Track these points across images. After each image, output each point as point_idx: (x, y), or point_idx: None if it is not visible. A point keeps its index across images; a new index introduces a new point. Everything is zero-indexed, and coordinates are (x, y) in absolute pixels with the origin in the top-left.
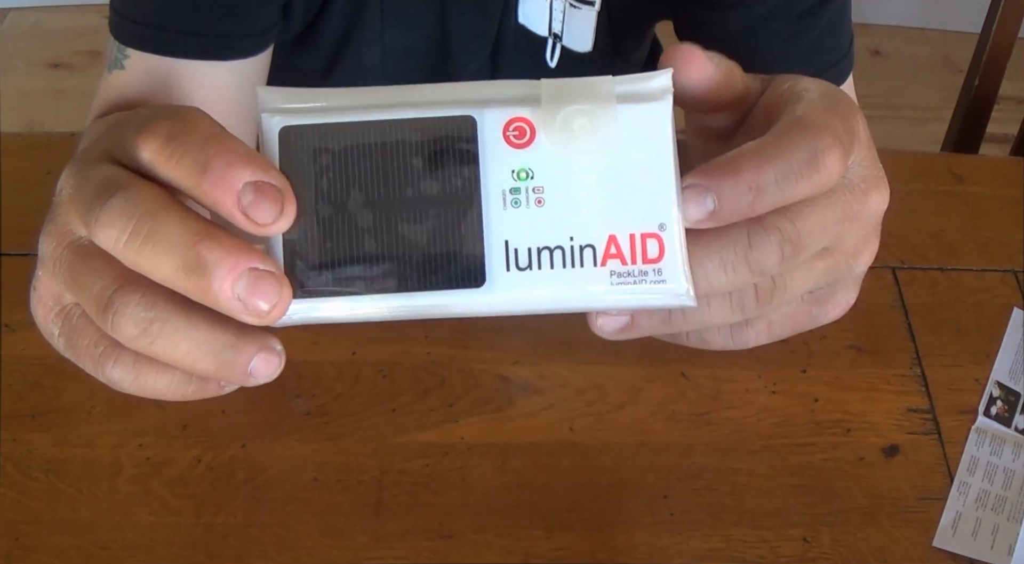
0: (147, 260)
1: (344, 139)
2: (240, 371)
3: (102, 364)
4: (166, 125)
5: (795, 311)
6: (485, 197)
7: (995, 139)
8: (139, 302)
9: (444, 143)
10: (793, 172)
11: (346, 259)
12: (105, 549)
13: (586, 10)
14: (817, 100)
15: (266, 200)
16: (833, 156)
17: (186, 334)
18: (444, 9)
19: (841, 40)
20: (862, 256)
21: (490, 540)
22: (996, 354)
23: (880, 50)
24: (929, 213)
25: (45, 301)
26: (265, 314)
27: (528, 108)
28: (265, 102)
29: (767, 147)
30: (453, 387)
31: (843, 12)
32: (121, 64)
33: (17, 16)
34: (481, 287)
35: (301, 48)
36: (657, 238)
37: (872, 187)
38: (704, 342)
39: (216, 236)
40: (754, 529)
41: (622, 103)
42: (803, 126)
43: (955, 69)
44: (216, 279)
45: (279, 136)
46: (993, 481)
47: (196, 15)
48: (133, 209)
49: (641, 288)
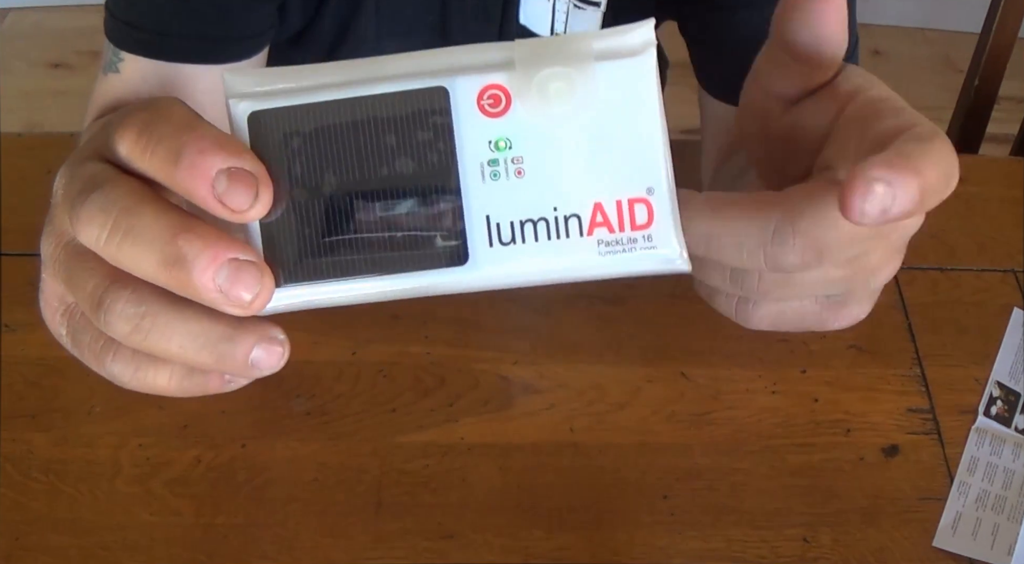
0: (127, 256)
1: (314, 120)
2: (240, 363)
3: (102, 360)
4: (140, 116)
5: (805, 308)
6: (462, 171)
7: (995, 139)
8: (128, 298)
9: (416, 117)
10: (942, 185)
11: (326, 244)
12: (105, 549)
13: (591, 11)
14: (929, 126)
15: (240, 186)
16: (956, 177)
17: (178, 328)
18: (443, 13)
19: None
20: (882, 273)
21: (490, 540)
22: (996, 354)
23: (880, 50)
24: (929, 213)
25: (50, 302)
26: (248, 304)
27: (502, 73)
28: (232, 87)
29: (929, 153)
30: (453, 387)
31: (850, 14)
32: (116, 67)
33: (17, 16)
34: (464, 265)
35: (297, 47)
36: (645, 203)
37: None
38: (709, 298)
39: (194, 228)
40: (754, 529)
41: (601, 61)
42: (941, 144)
43: (955, 69)
44: (196, 271)
45: (248, 122)
46: (993, 481)
47: (191, 19)
48: (111, 206)
49: (631, 256)
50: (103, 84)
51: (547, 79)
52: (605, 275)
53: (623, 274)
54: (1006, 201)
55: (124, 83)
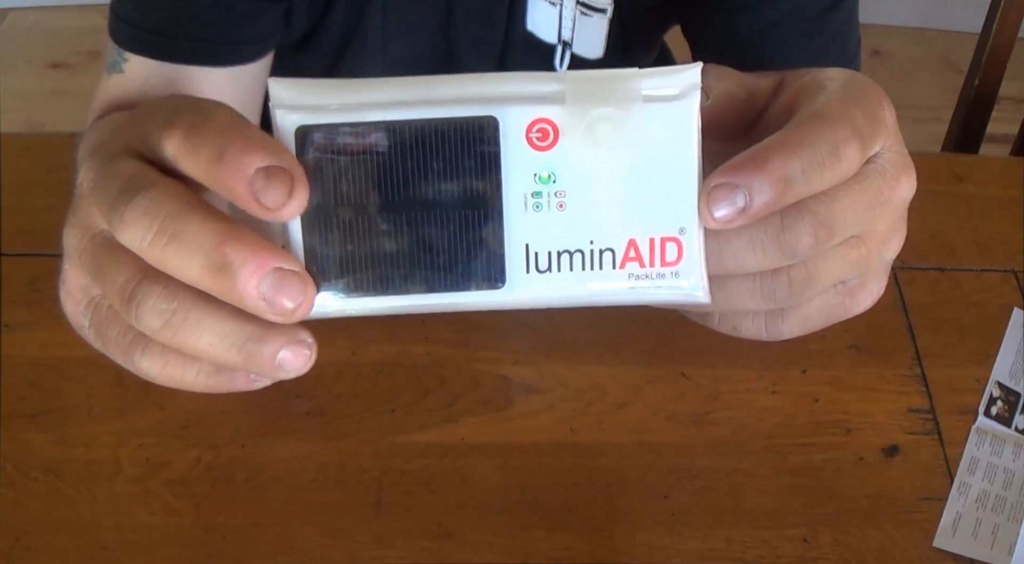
0: (172, 260)
1: (362, 139)
2: (267, 363)
3: (130, 354)
4: (187, 118)
5: (828, 302)
6: (506, 200)
7: (995, 139)
8: (161, 294)
9: (465, 145)
10: (817, 163)
11: (367, 261)
12: (105, 549)
13: (597, 18)
14: (839, 90)
15: (276, 183)
16: (852, 149)
17: (208, 325)
18: (449, 19)
19: (850, 44)
20: (891, 244)
21: (490, 540)
22: (996, 354)
23: (880, 50)
24: (929, 213)
25: (73, 294)
26: (291, 313)
27: (552, 107)
28: (279, 98)
29: (789, 140)
30: (453, 387)
31: (851, 16)
32: (120, 68)
33: (17, 16)
34: (501, 289)
35: (304, 50)
36: (676, 242)
37: (902, 173)
38: (736, 329)
39: (241, 236)
40: (754, 529)
41: (648, 102)
42: (822, 118)
43: (955, 69)
44: (241, 279)
45: (296, 135)
46: (993, 481)
47: (196, 21)
48: (157, 209)
49: (657, 288)
50: (106, 84)
51: (597, 120)
52: (629, 302)
53: (649, 302)
54: (1006, 201)
55: (128, 83)
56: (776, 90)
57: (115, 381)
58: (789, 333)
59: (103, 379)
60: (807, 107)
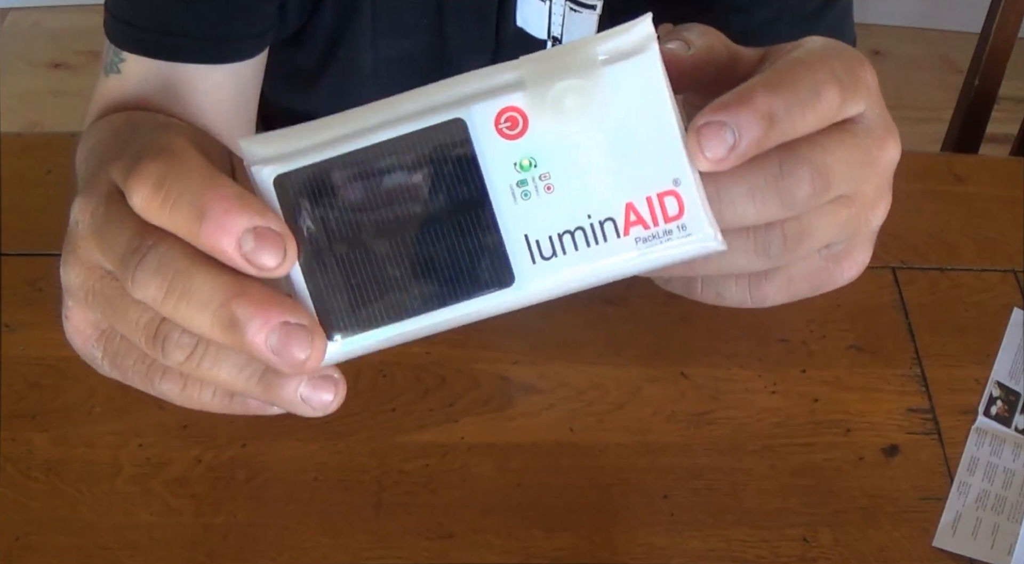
0: (183, 317)
1: (340, 173)
2: (287, 396)
3: (150, 380)
4: (154, 169)
5: (814, 267)
6: (494, 197)
7: (995, 139)
8: (184, 330)
9: (440, 153)
10: (799, 101)
11: (374, 291)
12: (105, 549)
13: (587, 13)
14: (818, 47)
15: (267, 245)
16: (832, 89)
17: (226, 357)
18: (439, 17)
19: (845, 43)
20: (878, 209)
21: (490, 540)
22: (996, 354)
23: (880, 50)
24: (929, 213)
25: (82, 329)
26: (302, 364)
27: (515, 93)
28: (251, 154)
29: (771, 79)
30: (453, 387)
31: (846, 15)
32: (117, 68)
33: (17, 16)
34: (512, 286)
35: (296, 46)
36: (674, 194)
37: (888, 134)
38: (720, 297)
39: (246, 292)
40: (754, 529)
41: (608, 64)
42: (801, 62)
43: (955, 69)
44: (248, 335)
45: (275, 186)
46: (993, 481)
47: (192, 19)
48: (166, 270)
49: (669, 246)
50: (104, 85)
51: (561, 94)
52: (647, 268)
53: (664, 264)
54: (1006, 201)
55: (125, 83)
56: (761, 60)
57: (115, 381)
58: (774, 298)
59: (103, 379)
60: (786, 57)
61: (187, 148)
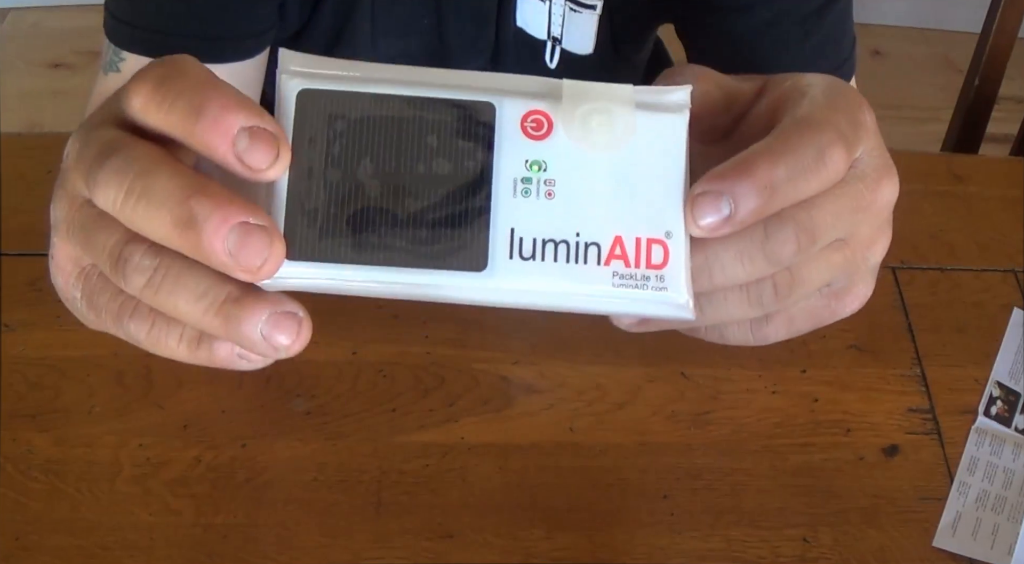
0: (142, 218)
1: (361, 109)
2: (248, 332)
3: (120, 319)
4: (156, 71)
5: (814, 305)
6: (496, 182)
7: (995, 139)
8: (145, 252)
9: (462, 124)
10: (802, 170)
11: (349, 226)
12: (105, 549)
13: (587, 14)
14: (820, 96)
15: (261, 144)
16: (837, 153)
17: (187, 282)
18: (439, 17)
19: (844, 43)
20: (876, 246)
21: (490, 540)
22: (996, 354)
23: (880, 50)
24: (929, 213)
25: (63, 266)
26: (257, 269)
27: (548, 102)
28: (286, 63)
29: (774, 147)
30: (453, 387)
31: (846, 15)
32: (116, 67)
33: (17, 16)
34: (482, 272)
35: (296, 45)
36: (663, 244)
37: (883, 176)
38: (723, 337)
39: (207, 190)
40: (754, 529)
41: (641, 110)
42: (807, 124)
43: (955, 69)
44: (206, 233)
45: (296, 98)
46: (993, 481)
47: (192, 18)
48: (127, 168)
49: (642, 293)
50: (103, 84)
51: (591, 113)
52: (613, 311)
53: (630, 313)
54: (1006, 201)
55: (125, 83)
56: (758, 93)
57: (115, 381)
58: (775, 337)
59: (103, 379)
60: (791, 113)
61: (188, 58)
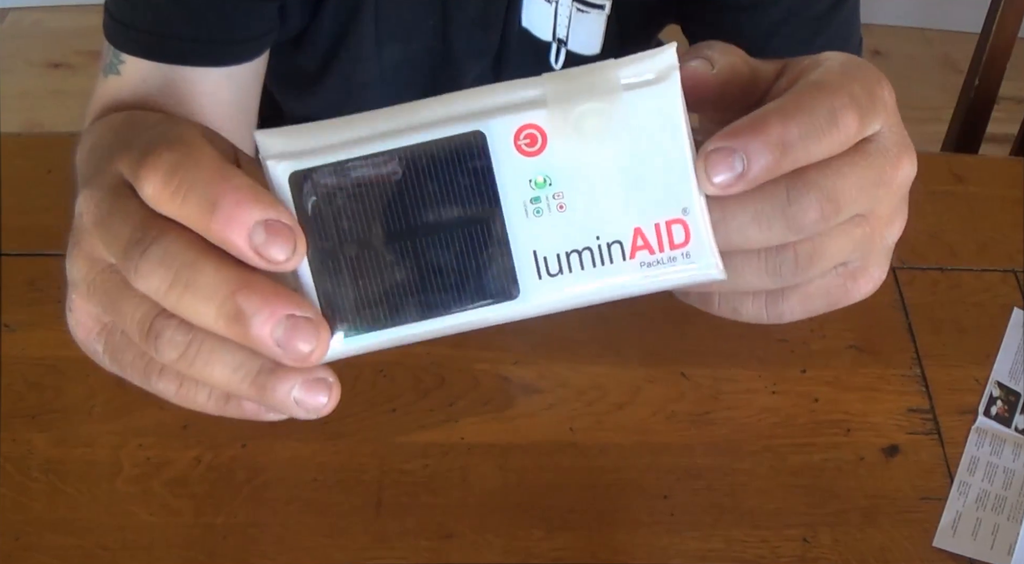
0: (187, 309)
1: (355, 174)
2: (280, 398)
3: (147, 376)
4: (166, 157)
5: (830, 284)
6: (506, 211)
7: (995, 139)
8: (177, 327)
9: (456, 163)
10: (815, 129)
11: (380, 294)
12: (105, 549)
13: (595, 14)
14: (837, 67)
15: (278, 238)
16: (850, 116)
17: (220, 357)
18: (444, 21)
19: (851, 44)
20: (894, 226)
21: (490, 540)
22: (996, 354)
23: (880, 50)
24: (929, 213)
25: (84, 323)
26: (306, 357)
27: (536, 111)
28: (267, 148)
29: (787, 106)
30: (453, 387)
31: (854, 15)
32: (117, 69)
33: (17, 16)
34: (516, 299)
35: (298, 49)
36: (682, 223)
37: (903, 153)
38: (736, 312)
39: (253, 284)
40: (754, 529)
41: (629, 90)
42: (820, 86)
43: (955, 69)
44: (254, 327)
45: (289, 182)
46: (993, 481)
47: (192, 21)
48: (171, 260)
49: (671, 271)
50: (103, 86)
51: (582, 116)
52: (648, 289)
53: (666, 287)
54: (1006, 201)
55: (124, 85)
56: (778, 74)
57: (115, 381)
58: (790, 315)
59: (103, 379)
60: (804, 79)
61: (198, 139)
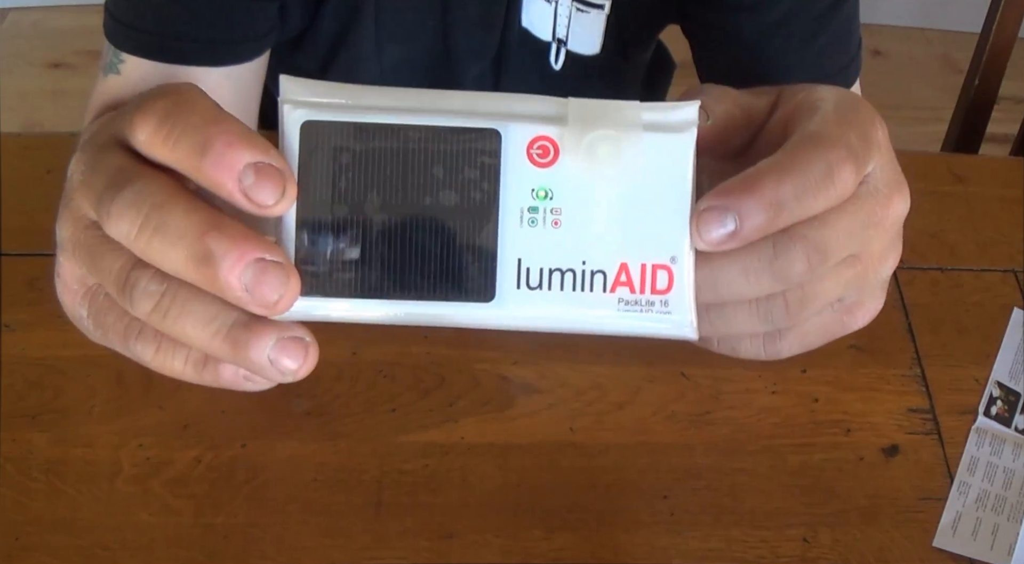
0: (157, 252)
1: (366, 140)
2: (255, 356)
3: (127, 340)
4: (161, 104)
5: (826, 320)
6: (503, 213)
7: (995, 139)
8: (152, 277)
9: (467, 155)
10: (810, 187)
11: (358, 261)
12: (105, 549)
13: (595, 13)
14: (832, 111)
15: (268, 181)
16: (847, 170)
17: (195, 308)
18: (445, 22)
19: (851, 44)
20: (887, 262)
21: (490, 540)
22: (996, 354)
23: (880, 50)
24: (929, 213)
25: (70, 285)
26: (273, 304)
27: (554, 127)
28: (288, 92)
29: (783, 163)
30: (453, 387)
31: (853, 16)
32: (116, 69)
33: (17, 16)
34: (490, 302)
35: (298, 49)
36: (667, 270)
37: (895, 192)
38: (735, 351)
39: (223, 226)
40: (754, 529)
41: (648, 131)
42: (817, 141)
43: (955, 69)
44: (223, 269)
45: (300, 130)
46: (993, 481)
47: (193, 21)
48: (142, 202)
49: (647, 317)
50: (103, 85)
51: (597, 140)
52: (617, 332)
53: (634, 334)
54: (1006, 201)
55: (124, 84)
56: (772, 107)
57: (115, 381)
58: (788, 352)
59: (103, 379)
60: (801, 128)
61: (194, 89)
